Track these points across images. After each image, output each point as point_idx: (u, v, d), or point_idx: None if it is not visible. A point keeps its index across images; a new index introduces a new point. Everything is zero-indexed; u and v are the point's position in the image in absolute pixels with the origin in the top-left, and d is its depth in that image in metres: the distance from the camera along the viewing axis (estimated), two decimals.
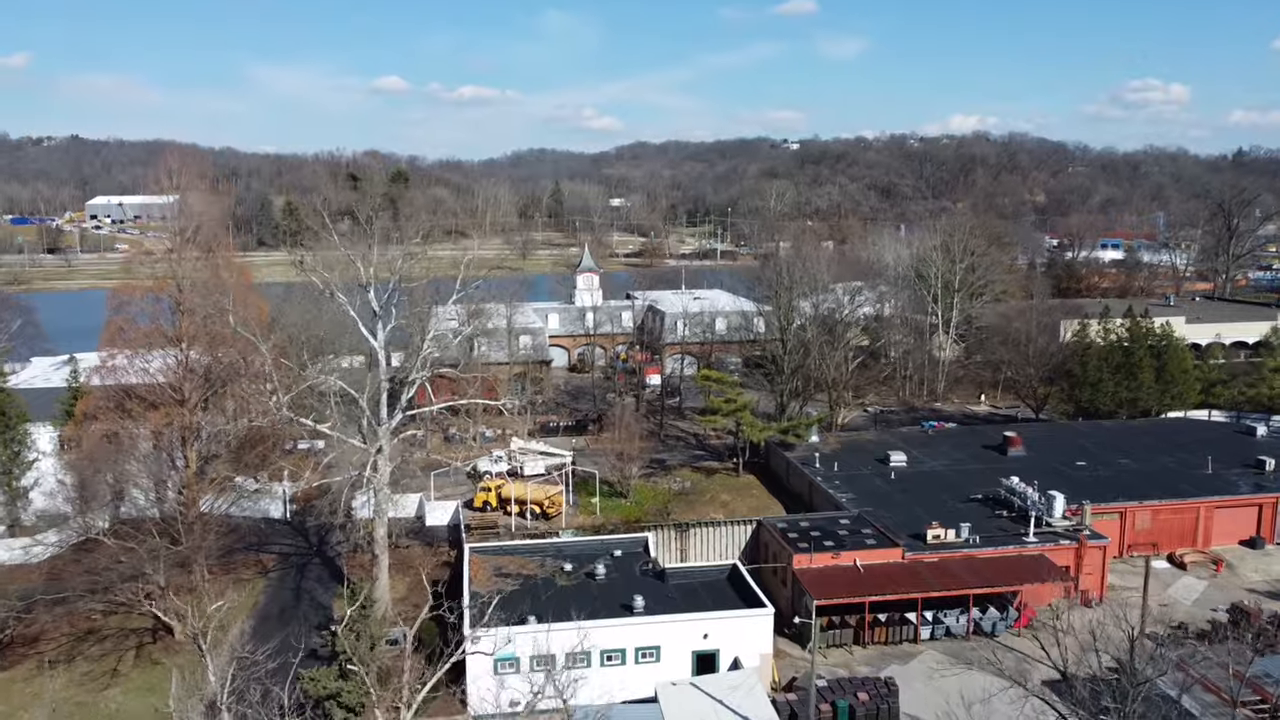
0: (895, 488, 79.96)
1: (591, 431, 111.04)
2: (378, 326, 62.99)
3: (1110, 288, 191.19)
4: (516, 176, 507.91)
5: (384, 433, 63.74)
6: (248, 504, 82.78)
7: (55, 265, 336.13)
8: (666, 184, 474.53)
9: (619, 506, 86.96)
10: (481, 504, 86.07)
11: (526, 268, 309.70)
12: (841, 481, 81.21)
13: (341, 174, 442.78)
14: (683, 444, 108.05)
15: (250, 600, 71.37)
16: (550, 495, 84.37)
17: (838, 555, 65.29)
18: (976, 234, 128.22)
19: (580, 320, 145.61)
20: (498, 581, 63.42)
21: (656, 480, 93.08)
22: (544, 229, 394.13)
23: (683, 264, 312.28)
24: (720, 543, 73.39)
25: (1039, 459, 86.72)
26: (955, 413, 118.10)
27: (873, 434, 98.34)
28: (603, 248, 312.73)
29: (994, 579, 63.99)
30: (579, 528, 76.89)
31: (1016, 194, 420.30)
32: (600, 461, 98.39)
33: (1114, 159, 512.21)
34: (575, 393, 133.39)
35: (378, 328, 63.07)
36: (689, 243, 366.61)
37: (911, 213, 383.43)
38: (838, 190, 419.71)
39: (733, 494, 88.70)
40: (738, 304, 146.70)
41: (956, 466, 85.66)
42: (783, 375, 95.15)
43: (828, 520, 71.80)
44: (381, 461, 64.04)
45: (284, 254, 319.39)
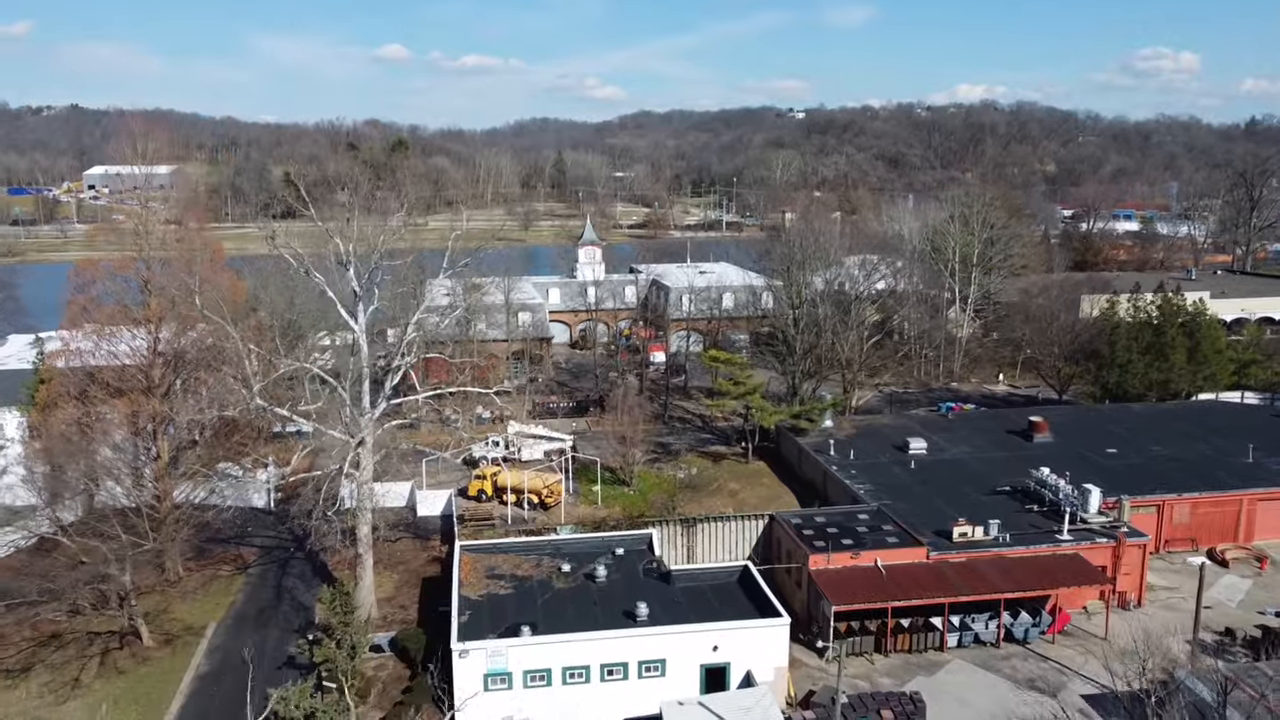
0: (915, 478, 75.01)
1: (593, 413, 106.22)
2: (358, 308, 57.82)
3: (1128, 260, 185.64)
4: (519, 146, 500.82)
5: (367, 423, 58.79)
6: (230, 492, 78.27)
7: (51, 236, 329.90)
8: (671, 154, 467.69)
9: (621, 495, 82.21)
10: (476, 493, 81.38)
11: (528, 239, 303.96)
12: (858, 471, 76.25)
13: (341, 143, 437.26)
14: (688, 427, 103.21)
15: (227, 599, 66.73)
16: (549, 484, 79.62)
17: (857, 555, 60.44)
18: (996, 206, 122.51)
19: (582, 295, 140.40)
20: (490, 584, 58.70)
21: (661, 467, 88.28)
22: (546, 200, 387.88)
23: (687, 235, 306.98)
24: (730, 539, 68.60)
25: (1067, 446, 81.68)
26: (973, 393, 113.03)
27: (889, 418, 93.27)
28: (606, 219, 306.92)
29: (1027, 582, 59.12)
30: (578, 523, 72.09)
31: (1026, 164, 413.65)
32: (602, 446, 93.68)
33: (1125, 128, 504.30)
34: (576, 370, 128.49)
35: (358, 309, 57.90)
36: (694, 214, 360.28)
37: (920, 183, 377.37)
38: (845, 160, 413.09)
39: (741, 482, 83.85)
40: (745, 278, 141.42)
41: (980, 454, 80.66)
42: (794, 356, 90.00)
43: (845, 515, 66.93)
44: (364, 454, 59.15)
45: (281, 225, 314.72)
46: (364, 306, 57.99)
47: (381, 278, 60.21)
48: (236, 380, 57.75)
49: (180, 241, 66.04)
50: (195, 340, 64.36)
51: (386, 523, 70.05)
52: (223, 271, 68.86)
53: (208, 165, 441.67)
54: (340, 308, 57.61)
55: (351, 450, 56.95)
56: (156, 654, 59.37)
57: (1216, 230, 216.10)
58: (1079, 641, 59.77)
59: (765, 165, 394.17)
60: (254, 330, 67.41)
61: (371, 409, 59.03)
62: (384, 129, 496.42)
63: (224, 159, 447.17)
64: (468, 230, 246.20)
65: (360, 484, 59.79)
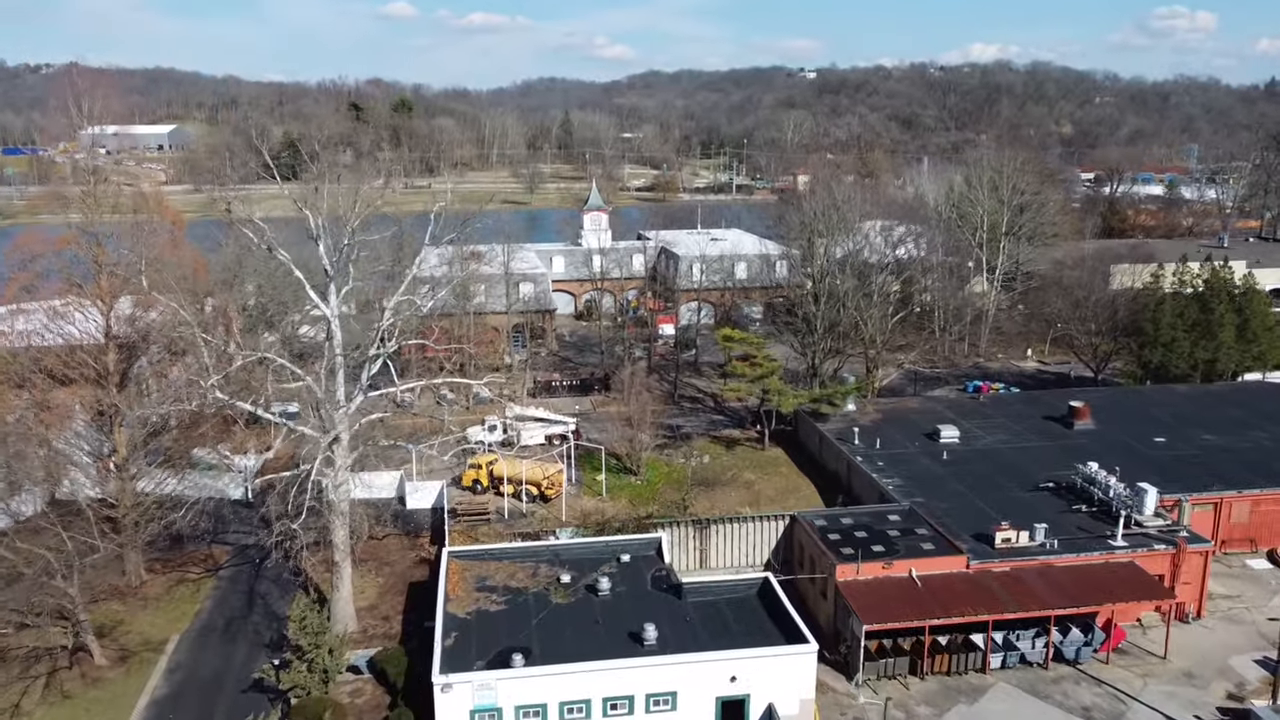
0: (948, 470, 68.60)
1: (597, 391, 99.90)
2: (330, 289, 51.24)
3: (1154, 226, 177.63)
4: (525, 106, 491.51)
5: (341, 418, 52.45)
6: (205, 482, 72.28)
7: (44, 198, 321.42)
8: (680, 114, 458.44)
9: (628, 486, 76.13)
10: (471, 483, 75.35)
11: (533, 202, 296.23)
12: (885, 463, 69.84)
13: (344, 103, 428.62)
14: (699, 406, 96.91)
15: (193, 607, 60.75)
16: (549, 475, 73.48)
17: (889, 565, 54.18)
18: (1027, 171, 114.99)
19: (587, 264, 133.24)
20: (480, 598, 52.59)
21: (670, 454, 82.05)
22: (553, 161, 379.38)
23: (697, 199, 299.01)
24: (746, 542, 62.39)
25: (1110, 433, 75.14)
26: (1001, 370, 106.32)
27: (917, 401, 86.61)
28: (613, 182, 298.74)
29: (1079, 596, 52.84)
30: (580, 522, 65.83)
31: (1043, 125, 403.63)
32: (608, 429, 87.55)
33: (1143, 89, 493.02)
34: (581, 344, 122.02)
35: (330, 290, 51.32)
36: (703, 175, 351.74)
37: (934, 144, 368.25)
38: (858, 121, 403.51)
39: (757, 472, 77.56)
40: (759, 246, 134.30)
41: (1017, 443, 74.13)
42: (815, 334, 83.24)
43: (874, 516, 60.61)
44: (339, 452, 52.87)
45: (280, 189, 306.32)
46: (336, 287, 51.39)
47: (357, 254, 53.51)
48: (194, 371, 51.28)
49: (138, 211, 59.25)
50: (155, 323, 57.79)
51: (372, 516, 64.25)
52: (183, 246, 62.12)
53: (206, 125, 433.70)
54: (308, 289, 51.04)
55: (322, 449, 50.61)
56: (109, 674, 53.46)
57: (1244, 194, 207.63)
58: (1135, 661, 53.63)
59: (776, 126, 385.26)
60: (218, 313, 60.83)
61: (346, 402, 52.63)
62: (387, 88, 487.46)
63: (223, 118, 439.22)
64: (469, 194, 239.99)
65: (336, 485, 53.57)
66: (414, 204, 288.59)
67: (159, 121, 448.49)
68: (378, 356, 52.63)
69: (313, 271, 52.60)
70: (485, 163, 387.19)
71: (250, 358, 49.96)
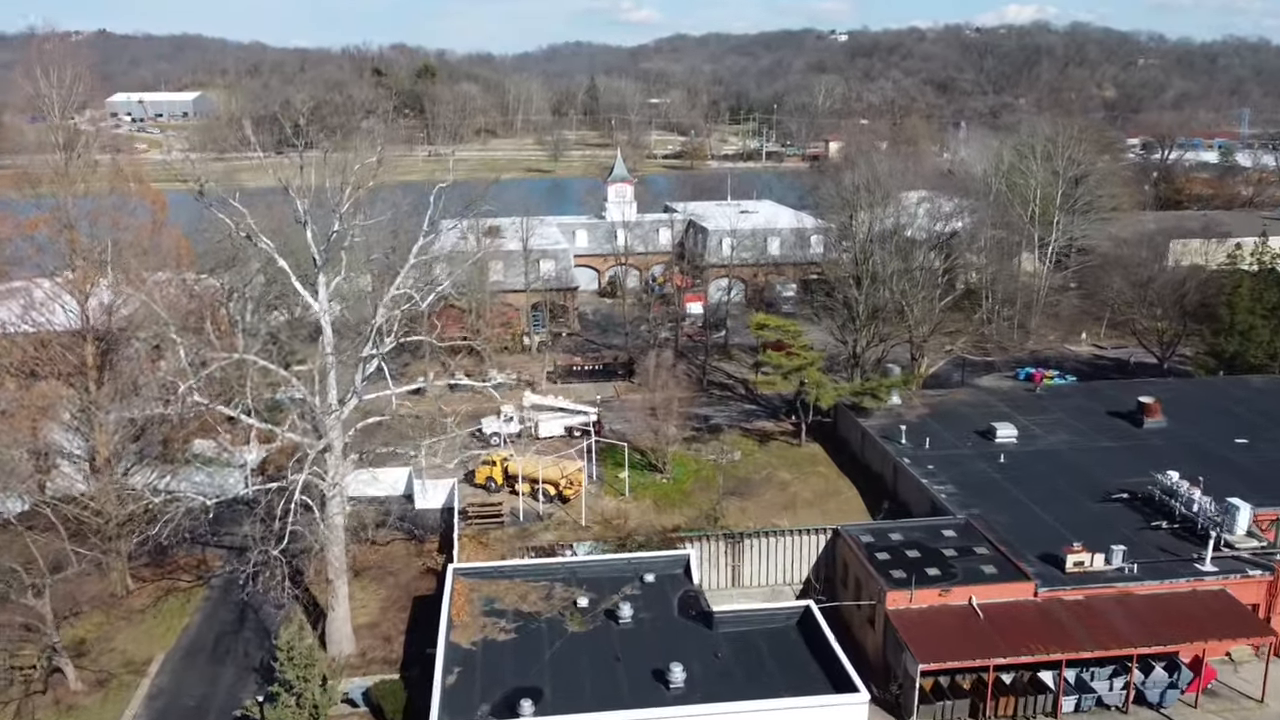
0: (1007, 476, 62.24)
1: (621, 377, 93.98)
2: (319, 281, 45.44)
3: (1211, 196, 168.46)
4: (550, 71, 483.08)
5: (333, 424, 46.87)
6: (201, 479, 67.25)
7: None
8: (707, 79, 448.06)
9: (653, 485, 70.36)
10: (484, 480, 69.84)
11: (558, 170, 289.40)
12: (936, 466, 63.56)
13: (367, 69, 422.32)
14: (729, 394, 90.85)
15: (181, 621, 55.74)
16: (568, 473, 67.80)
17: (947, 592, 48.19)
18: (1084, 139, 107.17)
19: (611, 238, 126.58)
20: (487, 625, 47.16)
21: (699, 448, 76.13)
22: (578, 128, 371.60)
23: (725, 166, 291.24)
24: (784, 559, 56.51)
25: (1185, 433, 68.42)
26: (1053, 355, 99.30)
27: (967, 393, 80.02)
28: (639, 149, 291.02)
29: (1165, 631, 46.69)
30: (599, 540, 60.08)
31: (1084, 89, 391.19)
32: (632, 420, 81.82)
33: (1189, 50, 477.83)
34: (605, 323, 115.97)
35: (319, 282, 45.52)
36: (731, 142, 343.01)
37: (970, 109, 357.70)
38: (891, 85, 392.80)
39: (793, 471, 71.49)
40: (793, 220, 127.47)
41: (1081, 444, 67.56)
42: (857, 320, 76.65)
43: (926, 531, 54.51)
44: (331, 462, 47.36)
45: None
46: (326, 277, 45.60)
47: (350, 239, 47.64)
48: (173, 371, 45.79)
49: (115, 191, 53.70)
50: (135, 315, 52.36)
51: (377, 517, 59.08)
52: (164, 230, 56.39)
53: (229, 91, 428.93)
54: (294, 280, 45.25)
55: (309, 461, 45.07)
56: (85, 700, 48.65)
57: None
58: (1228, 704, 47.51)
59: (806, 91, 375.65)
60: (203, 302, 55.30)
61: (340, 405, 47.01)
62: (411, 54, 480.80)
63: (245, 85, 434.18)
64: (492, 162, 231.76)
65: (328, 498, 48.10)
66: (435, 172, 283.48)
67: (185, 89, 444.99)
68: (373, 357, 46.84)
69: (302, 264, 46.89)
70: (509, 129, 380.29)
71: (225, 360, 44.26)
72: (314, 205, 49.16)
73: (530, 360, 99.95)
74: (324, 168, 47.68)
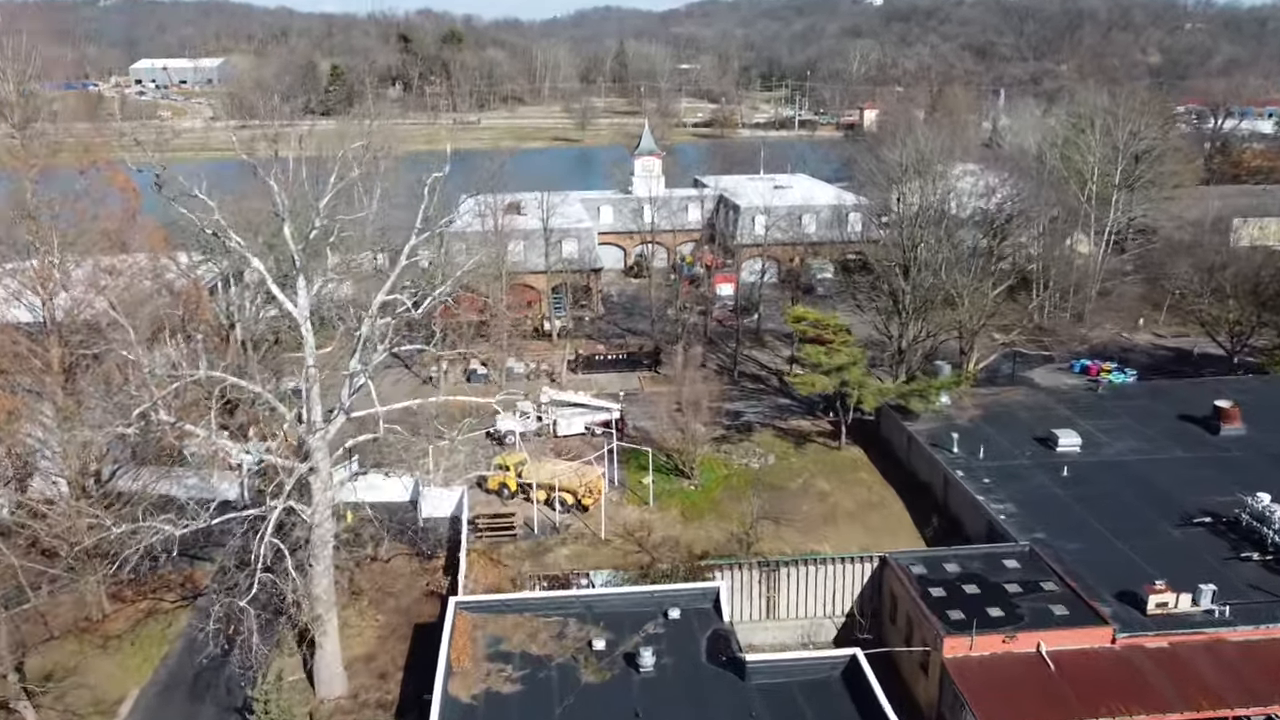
0: (1071, 492, 56.14)
1: (646, 367, 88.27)
2: (299, 284, 39.91)
3: (1271, 169, 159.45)
4: (579, 36, 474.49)
5: (318, 444, 41.53)
6: (193, 482, 62.52)
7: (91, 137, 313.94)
8: (739, 44, 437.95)
9: (679, 493, 64.85)
10: (497, 486, 64.59)
11: (585, 139, 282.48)
12: (992, 479, 57.55)
13: (393, 34, 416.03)
14: (762, 386, 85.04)
15: (160, 649, 50.93)
16: (587, 482, 62.38)
17: (1012, 638, 42.42)
18: (1148, 112, 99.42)
19: (638, 214, 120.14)
20: (491, 671, 41.93)
21: (729, 450, 70.43)
22: (606, 95, 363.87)
23: (756, 135, 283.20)
24: (825, 588, 50.85)
25: (1269, 442, 61.86)
26: (1110, 345, 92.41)
27: (1023, 392, 73.58)
28: (669, 118, 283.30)
29: (1267, 689, 40.67)
30: (618, 569, 54.49)
31: (1128, 55, 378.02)
32: (657, 415, 76.28)
33: (1237, 14, 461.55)
34: (630, 305, 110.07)
35: (299, 285, 39.99)
36: (763, 110, 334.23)
37: (1010, 76, 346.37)
38: (928, 51, 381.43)
39: (833, 479, 65.63)
40: (831, 196, 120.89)
41: (1151, 453, 61.25)
42: (903, 313, 70.27)
43: (986, 561, 48.65)
44: (316, 486, 42.08)
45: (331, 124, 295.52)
46: (307, 281, 40.05)
47: (337, 234, 42.04)
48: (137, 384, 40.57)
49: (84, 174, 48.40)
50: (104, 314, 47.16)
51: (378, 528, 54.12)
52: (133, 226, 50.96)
53: (255, 57, 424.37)
54: (270, 285, 39.71)
55: (289, 486, 39.79)
56: None
57: None
58: None
59: (840, 57, 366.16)
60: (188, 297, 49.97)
61: (325, 424, 41.62)
62: (437, 19, 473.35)
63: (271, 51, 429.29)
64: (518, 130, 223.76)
65: (313, 525, 42.89)
66: (461, 141, 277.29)
67: (211, 55, 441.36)
68: (359, 372, 41.34)
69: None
70: (536, 97, 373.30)
71: (189, 378, 38.87)
72: (313, 182, 43.78)
73: (551, 348, 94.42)
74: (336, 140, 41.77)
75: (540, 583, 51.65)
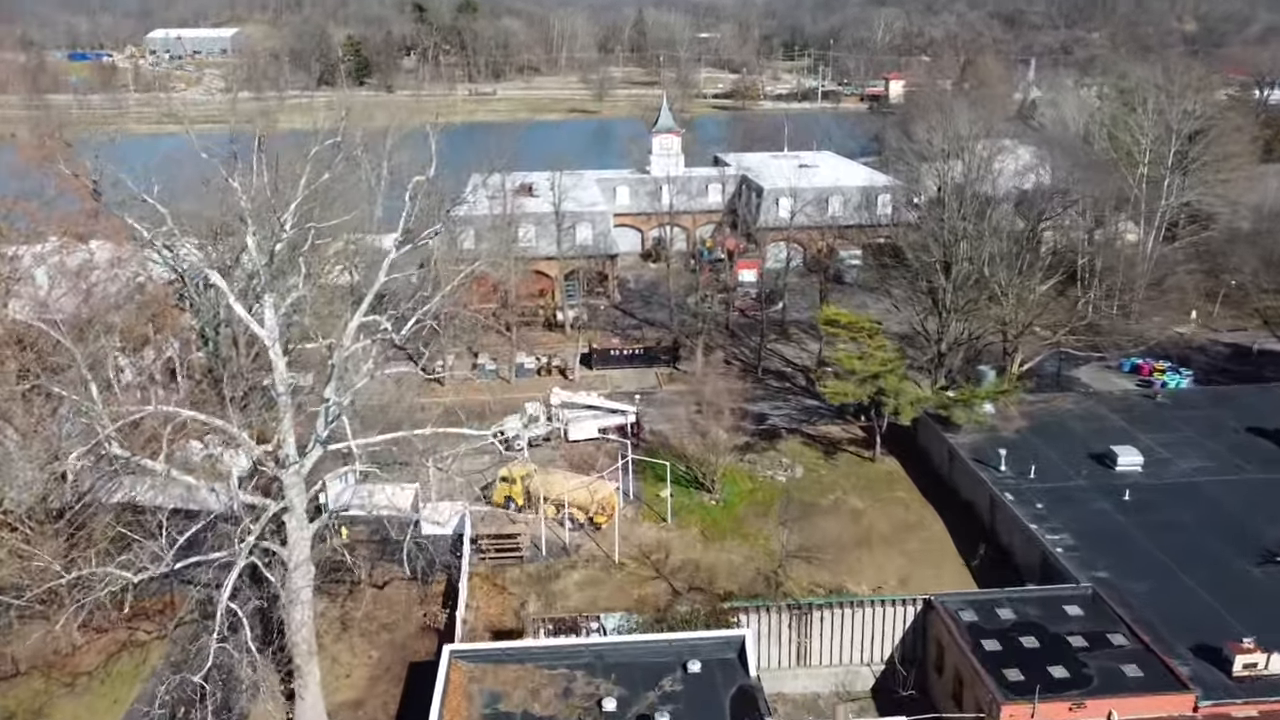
0: (1135, 520, 50.78)
1: (664, 361, 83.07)
2: (265, 303, 34.83)
3: None
4: (596, 5, 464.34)
5: (292, 480, 36.62)
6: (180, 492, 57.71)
7: (104, 107, 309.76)
8: (760, 12, 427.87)
9: (700, 508, 59.98)
10: (503, 500, 59.78)
11: (603, 110, 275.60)
12: (1045, 504, 52.19)
13: (408, 3, 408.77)
14: (787, 384, 79.75)
15: (131, 690, 46.37)
16: (599, 499, 57.52)
17: (1080, 706, 37.29)
18: (1204, 88, 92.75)
19: (656, 195, 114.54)
20: None
21: (753, 460, 65.30)
22: (625, 64, 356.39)
23: (779, 106, 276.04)
24: (862, 633, 45.62)
25: None
26: (1160, 340, 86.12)
27: (1072, 399, 67.94)
28: (688, 88, 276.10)
29: None
30: (631, 610, 49.44)
31: (1163, 22, 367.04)
32: (676, 417, 71.60)
33: None
34: (648, 293, 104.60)
35: (266, 303, 34.91)
36: (785, 80, 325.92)
37: (1040, 44, 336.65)
38: (955, 19, 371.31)
39: (867, 495, 60.42)
40: (860, 176, 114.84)
41: (1221, 473, 55.68)
42: (943, 314, 64.62)
43: (1044, 606, 43.40)
44: (292, 526, 37.23)
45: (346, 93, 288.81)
46: (275, 298, 34.97)
47: (310, 240, 36.92)
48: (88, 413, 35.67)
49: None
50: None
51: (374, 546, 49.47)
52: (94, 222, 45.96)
53: (269, 27, 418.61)
54: (233, 302, 34.64)
55: (255, 532, 34.94)
56: None
57: None
58: None
59: (865, 25, 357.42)
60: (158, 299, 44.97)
61: (300, 458, 36.67)
62: None
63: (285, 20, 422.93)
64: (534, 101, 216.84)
65: (291, 568, 38.09)
66: (476, 113, 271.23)
67: (224, 24, 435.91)
68: (333, 405, 36.31)
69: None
70: (553, 67, 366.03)
71: (137, 415, 33.91)
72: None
73: (564, 340, 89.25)
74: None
75: (545, 626, 46.73)
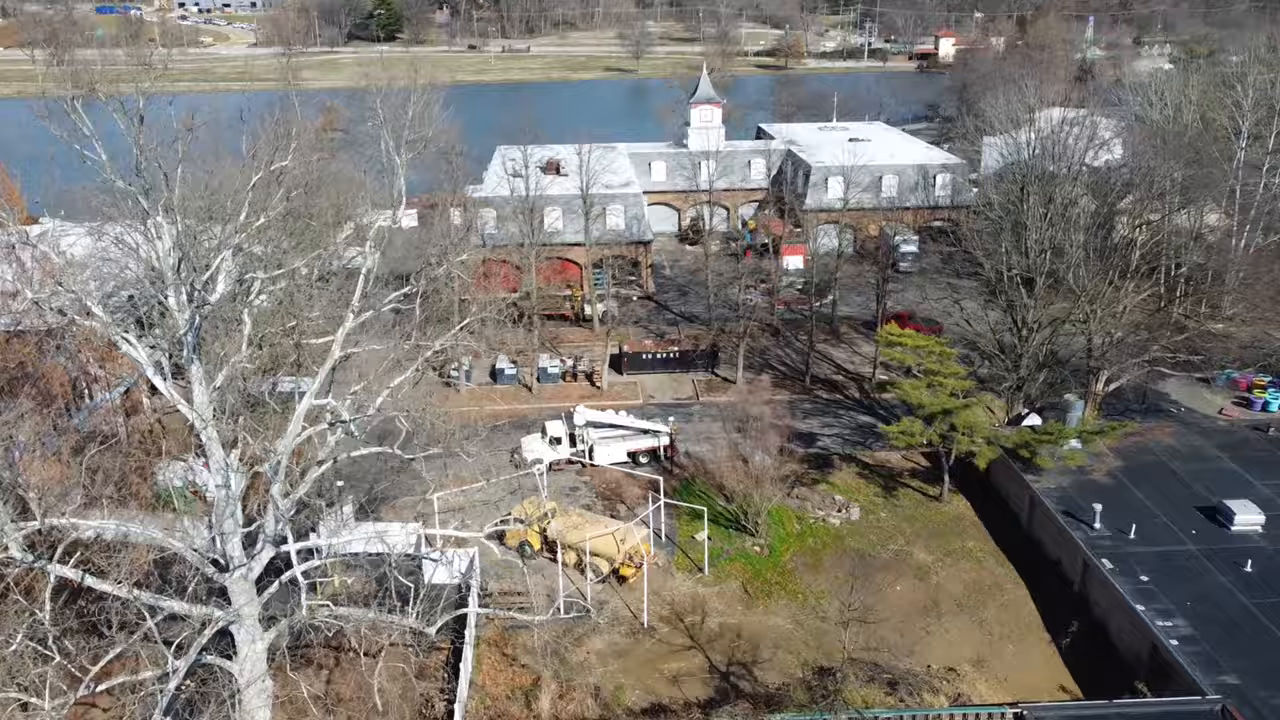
0: (1260, 601, 42.67)
1: (701, 366, 75.30)
2: (193, 373, 27.41)
3: None
4: None
5: (238, 584, 29.52)
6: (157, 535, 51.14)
7: (129, 63, 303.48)
8: None
9: (741, 556, 52.63)
10: (517, 544, 52.64)
11: (640, 69, 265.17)
12: (1151, 574, 44.16)
13: None
14: (838, 394, 71.78)
15: None
16: (628, 549, 50.18)
17: None
18: None
19: (694, 171, 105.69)
20: None
21: (803, 496, 57.57)
22: (664, 19, 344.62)
23: (823, 64, 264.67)
24: None
25: None
26: (1254, 346, 76.93)
27: (1171, 432, 59.31)
28: (729, 47, 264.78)
29: None
30: (653, 691, 41.95)
31: None
32: (715, 437, 64.38)
33: None
34: (685, 281, 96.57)
35: (193, 375, 27.50)
36: (830, 37, 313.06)
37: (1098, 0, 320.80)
38: None
39: (934, 547, 52.54)
40: (915, 153, 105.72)
41: None
42: (1023, 335, 55.90)
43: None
44: (241, 638, 30.21)
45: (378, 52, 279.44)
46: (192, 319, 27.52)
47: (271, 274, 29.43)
48: None
49: None
50: None
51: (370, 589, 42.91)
52: None
53: None
54: (149, 372, 27.28)
55: (195, 648, 27.94)
56: None
57: None
58: None
59: None
60: None
61: (248, 559, 29.51)
62: None
63: None
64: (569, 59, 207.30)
65: (243, 684, 31.13)
66: (509, 72, 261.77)
67: None
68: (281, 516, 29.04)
69: None
70: (589, 22, 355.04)
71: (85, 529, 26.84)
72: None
73: (593, 338, 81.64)
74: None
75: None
